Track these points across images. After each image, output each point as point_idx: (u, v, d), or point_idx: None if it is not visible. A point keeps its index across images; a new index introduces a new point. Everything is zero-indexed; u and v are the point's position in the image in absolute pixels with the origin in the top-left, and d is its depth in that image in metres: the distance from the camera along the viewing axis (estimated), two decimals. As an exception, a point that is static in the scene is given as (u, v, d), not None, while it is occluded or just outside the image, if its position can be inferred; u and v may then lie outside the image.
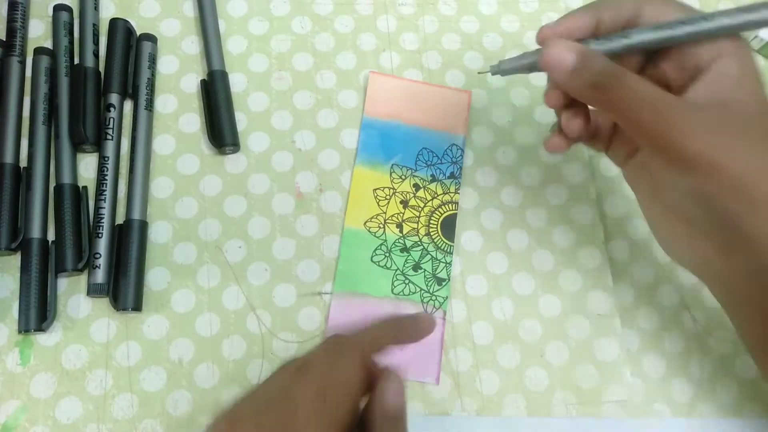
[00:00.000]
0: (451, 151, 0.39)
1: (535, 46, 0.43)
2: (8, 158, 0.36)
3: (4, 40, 0.38)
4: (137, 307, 0.34)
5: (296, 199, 0.38)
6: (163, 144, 0.38)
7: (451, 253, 0.37)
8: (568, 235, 0.38)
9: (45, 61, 0.38)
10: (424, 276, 0.37)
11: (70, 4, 0.40)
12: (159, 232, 0.36)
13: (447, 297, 0.36)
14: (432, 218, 0.38)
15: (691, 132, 0.25)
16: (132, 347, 0.34)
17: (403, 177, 0.38)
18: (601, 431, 0.35)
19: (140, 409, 0.33)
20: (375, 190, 0.38)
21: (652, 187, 0.29)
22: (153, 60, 0.39)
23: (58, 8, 0.39)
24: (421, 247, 0.37)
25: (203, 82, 0.39)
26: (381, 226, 0.37)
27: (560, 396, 0.35)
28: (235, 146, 0.38)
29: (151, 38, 0.39)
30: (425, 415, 0.34)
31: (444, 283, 0.37)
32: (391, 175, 0.38)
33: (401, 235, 0.37)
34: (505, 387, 0.35)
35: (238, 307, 0.35)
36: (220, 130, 0.37)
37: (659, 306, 0.37)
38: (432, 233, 0.38)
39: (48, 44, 0.39)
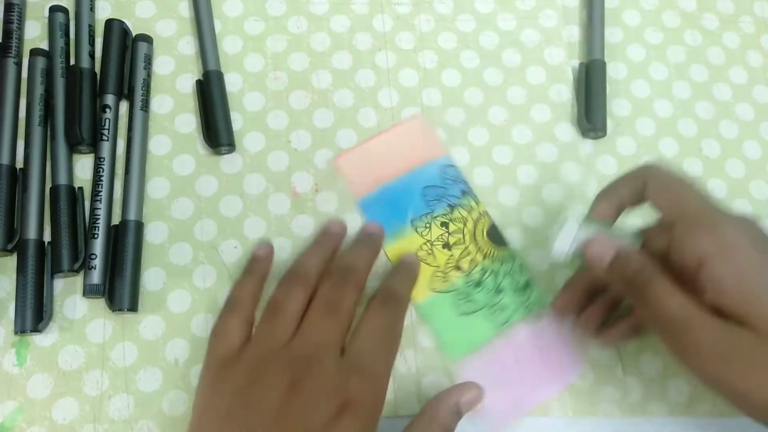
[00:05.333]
0: (446, 173, 0.39)
1: (531, 45, 0.43)
2: (4, 159, 0.36)
3: (0, 41, 0.38)
4: (133, 308, 0.34)
5: (292, 200, 0.38)
6: (158, 144, 0.38)
7: (515, 256, 0.37)
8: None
9: (41, 63, 0.38)
10: (513, 291, 0.36)
11: (65, 5, 0.40)
12: (155, 233, 0.36)
13: (541, 296, 0.36)
14: (477, 240, 0.37)
15: (709, 361, 0.26)
16: (128, 348, 0.34)
17: (427, 225, 0.37)
18: (597, 431, 0.35)
19: (136, 409, 0.33)
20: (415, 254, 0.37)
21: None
22: (149, 61, 0.39)
23: (54, 9, 0.39)
24: (489, 271, 0.37)
25: (199, 83, 0.39)
26: (443, 279, 0.36)
27: (556, 395, 0.35)
28: (231, 146, 0.38)
29: (147, 39, 0.39)
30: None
31: (531, 284, 0.36)
32: (417, 231, 0.37)
33: (466, 273, 0.37)
34: (501, 386, 0.35)
35: (234, 308, 0.35)
36: (215, 130, 0.37)
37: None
38: (487, 252, 0.37)
39: (44, 45, 0.39)
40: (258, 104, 0.40)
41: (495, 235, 0.37)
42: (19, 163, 0.36)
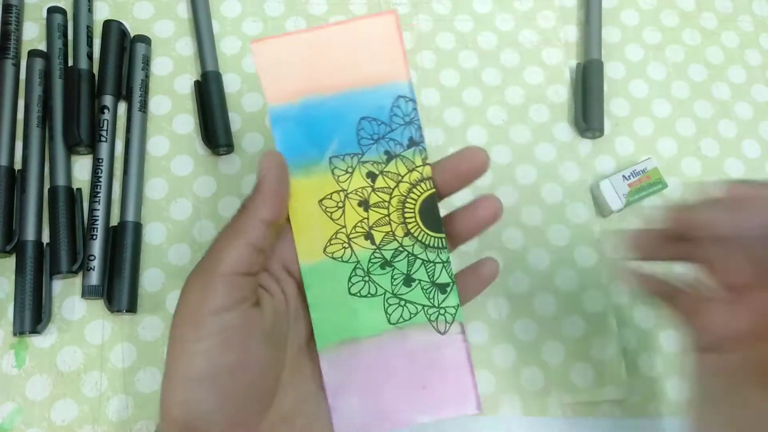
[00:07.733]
0: (398, 107, 0.28)
1: (529, 46, 0.43)
2: (3, 161, 0.36)
3: (-1, 42, 0.38)
4: (132, 309, 0.34)
5: (291, 200, 0.38)
6: (157, 145, 0.38)
7: (445, 247, 0.27)
8: (563, 234, 0.38)
9: (39, 64, 0.38)
10: (422, 288, 0.27)
11: (64, 7, 0.40)
12: (153, 234, 0.36)
13: (457, 305, 0.27)
14: (406, 210, 0.28)
15: None
16: (127, 348, 0.34)
17: (349, 170, 0.27)
18: (596, 431, 0.35)
19: (135, 410, 0.33)
20: (320, 201, 0.27)
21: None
22: (147, 61, 0.39)
23: (52, 10, 0.39)
24: (405, 252, 0.27)
25: (197, 83, 0.39)
26: (345, 245, 0.27)
27: (556, 395, 0.35)
28: (229, 147, 0.38)
29: (145, 40, 0.39)
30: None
31: (448, 288, 0.27)
32: (333, 173, 0.27)
33: (375, 247, 0.27)
34: (500, 387, 0.35)
35: (233, 308, 0.35)
36: (214, 131, 0.37)
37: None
38: (413, 230, 0.27)
39: (42, 47, 0.39)
40: (256, 105, 0.40)
41: (429, 213, 0.27)
42: (18, 165, 0.36)
